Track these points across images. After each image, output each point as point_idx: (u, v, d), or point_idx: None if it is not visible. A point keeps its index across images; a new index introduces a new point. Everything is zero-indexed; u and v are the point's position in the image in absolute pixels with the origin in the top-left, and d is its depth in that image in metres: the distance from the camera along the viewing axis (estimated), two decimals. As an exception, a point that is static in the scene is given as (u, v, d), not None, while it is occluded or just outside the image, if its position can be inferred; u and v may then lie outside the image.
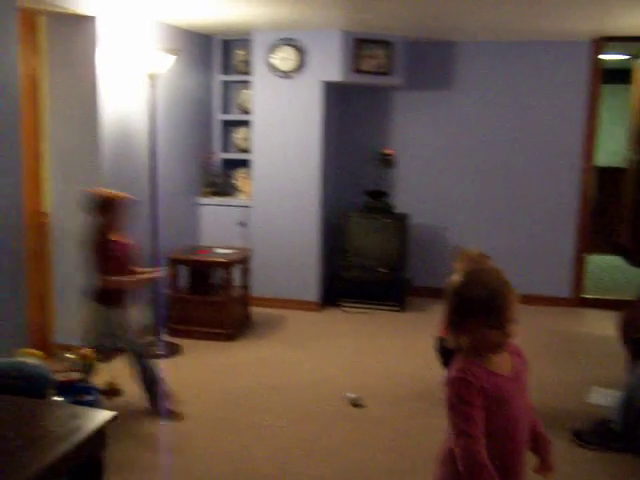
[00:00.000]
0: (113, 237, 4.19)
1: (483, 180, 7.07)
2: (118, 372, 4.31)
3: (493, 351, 2.21)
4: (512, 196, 7.03)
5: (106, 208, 4.18)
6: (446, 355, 4.53)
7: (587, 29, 6.07)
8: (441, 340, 4.58)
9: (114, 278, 4.17)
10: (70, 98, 5.06)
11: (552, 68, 6.79)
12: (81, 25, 4.93)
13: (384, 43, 6.52)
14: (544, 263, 7.01)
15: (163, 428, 4.18)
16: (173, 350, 5.50)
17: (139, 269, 4.46)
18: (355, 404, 4.56)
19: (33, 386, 2.93)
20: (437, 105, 7.08)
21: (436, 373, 4.87)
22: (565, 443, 4.03)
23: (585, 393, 4.81)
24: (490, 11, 5.31)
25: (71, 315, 5.27)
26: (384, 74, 6.60)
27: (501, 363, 2.24)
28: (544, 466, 2.41)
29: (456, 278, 2.26)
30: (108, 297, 4.24)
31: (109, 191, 4.34)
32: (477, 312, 2.16)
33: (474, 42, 6.88)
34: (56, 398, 3.21)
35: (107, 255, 4.16)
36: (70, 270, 5.22)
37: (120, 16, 5.18)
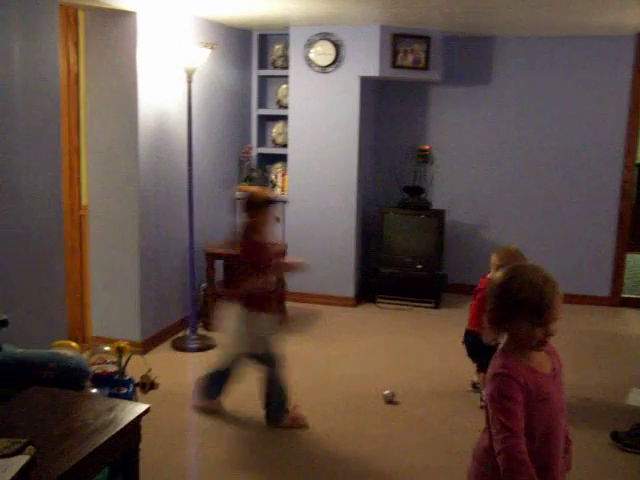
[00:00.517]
0: (257, 238, 4.04)
1: (521, 177, 6.99)
2: (153, 365, 4.34)
3: (535, 348, 2.19)
4: (551, 193, 6.93)
5: (256, 208, 4.06)
6: (474, 347, 4.51)
7: (631, 23, 5.96)
8: (469, 333, 4.56)
9: (260, 279, 3.98)
10: (109, 93, 5.09)
11: (594, 63, 6.68)
12: (121, 20, 4.96)
13: (422, 38, 6.47)
14: (583, 262, 6.91)
15: (196, 421, 4.20)
16: (209, 344, 5.52)
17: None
18: (389, 401, 4.54)
19: (70, 378, 2.96)
20: (475, 100, 7.01)
21: (471, 370, 4.85)
22: (602, 444, 3.97)
23: (624, 394, 4.73)
24: (530, 6, 5.24)
25: (107, 308, 5.33)
26: (422, 69, 6.55)
27: (541, 361, 2.22)
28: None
29: (501, 274, 2.22)
30: (255, 301, 4.04)
31: (260, 190, 4.21)
32: (522, 309, 2.14)
33: (513, 37, 6.80)
34: (93, 390, 3.24)
35: (254, 257, 4.01)
36: (107, 263, 5.28)
37: (159, 11, 5.21)
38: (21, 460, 2.08)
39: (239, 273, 3.95)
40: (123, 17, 4.95)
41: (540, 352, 2.22)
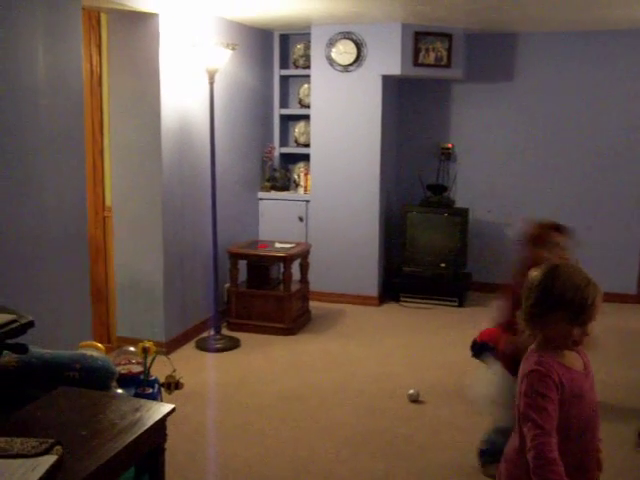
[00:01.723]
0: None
1: (545, 174, 6.93)
2: (178, 365, 4.35)
3: (569, 347, 2.19)
4: (576, 191, 6.87)
5: (538, 242, 3.51)
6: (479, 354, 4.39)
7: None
8: (477, 344, 4.41)
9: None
10: (132, 94, 5.12)
11: (618, 57, 6.61)
12: (143, 22, 4.99)
13: (444, 35, 6.45)
14: (610, 259, 6.84)
15: (221, 420, 4.21)
16: (232, 344, 5.54)
17: None
18: (414, 400, 4.52)
19: (96, 379, 2.97)
20: (498, 98, 6.97)
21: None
22: (629, 443, 3.93)
23: (652, 392, 4.69)
24: (552, 0, 5.20)
25: (132, 308, 5.36)
26: (444, 67, 6.52)
27: (574, 360, 2.22)
28: None
29: (541, 272, 2.21)
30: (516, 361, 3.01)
31: (547, 223, 3.67)
32: (564, 308, 2.12)
33: (535, 33, 6.75)
34: (118, 391, 3.25)
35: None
36: (131, 264, 5.31)
37: (181, 12, 5.23)
38: (49, 460, 2.09)
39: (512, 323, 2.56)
40: (145, 19, 4.98)
41: (572, 350, 2.21)
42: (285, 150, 7.10)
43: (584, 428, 2.17)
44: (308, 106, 6.82)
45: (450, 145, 7.07)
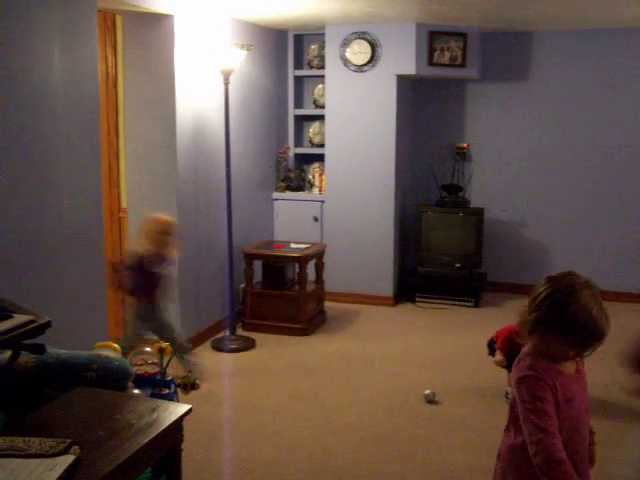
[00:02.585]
0: None
1: (561, 174, 6.89)
2: (195, 366, 4.37)
3: (563, 361, 2.20)
4: (591, 191, 6.83)
5: None
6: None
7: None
8: (494, 343, 4.55)
9: None
10: (147, 95, 5.14)
11: (636, 56, 6.55)
12: (158, 24, 5.00)
13: (459, 35, 6.43)
14: (622, 259, 6.79)
15: (237, 421, 4.22)
16: (248, 344, 5.54)
17: None
18: (430, 400, 4.51)
19: (113, 379, 2.97)
20: (513, 97, 6.94)
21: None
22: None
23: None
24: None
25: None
26: (459, 66, 6.50)
27: (567, 364, 2.22)
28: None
29: (553, 287, 2.15)
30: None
31: None
32: (572, 332, 2.11)
33: (551, 32, 6.71)
34: (135, 391, 3.26)
35: None
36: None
37: (196, 14, 5.24)
38: (67, 460, 2.09)
39: None
40: (160, 20, 5.00)
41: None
42: (300, 150, 7.11)
43: (574, 430, 2.19)
44: (323, 106, 6.82)
45: (465, 145, 7.05)
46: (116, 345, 3.66)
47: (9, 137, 3.56)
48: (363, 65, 6.47)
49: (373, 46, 6.40)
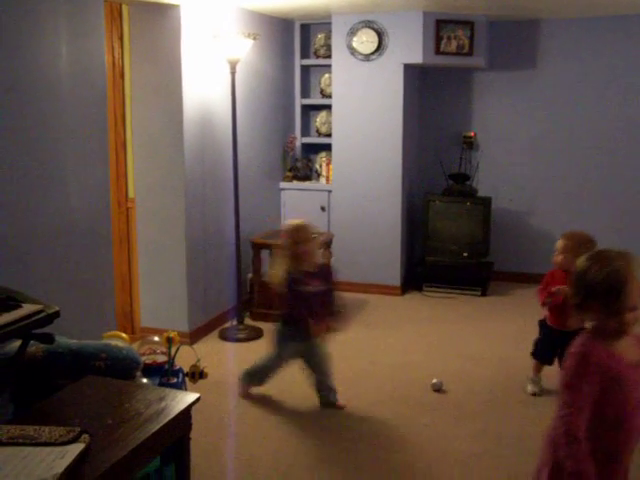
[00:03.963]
0: None
1: (568, 163, 6.87)
2: (201, 355, 4.38)
3: (612, 338, 2.18)
4: (599, 179, 6.80)
5: None
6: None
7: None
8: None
9: None
10: (154, 86, 5.14)
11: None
12: (165, 13, 5.00)
13: (466, 23, 6.40)
14: (633, 249, 6.76)
15: (245, 409, 4.24)
16: (255, 334, 5.56)
17: None
18: (437, 389, 4.52)
19: (121, 368, 3.00)
20: (520, 86, 6.91)
21: (518, 359, 4.81)
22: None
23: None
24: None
25: (155, 299, 5.39)
26: (466, 55, 6.48)
27: (626, 349, 2.20)
28: None
29: (583, 258, 2.22)
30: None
31: None
32: (595, 296, 2.12)
33: (559, 19, 6.68)
34: (143, 380, 3.28)
35: None
36: (154, 255, 5.34)
37: (202, 3, 5.23)
38: (77, 448, 2.12)
39: None
40: (166, 10, 4.99)
41: (626, 339, 2.20)
42: (307, 140, 7.10)
43: (622, 418, 2.16)
44: (329, 96, 6.81)
45: (472, 134, 7.03)
46: (124, 335, 3.69)
47: (17, 128, 3.58)
48: (370, 54, 6.45)
49: (380, 35, 6.38)
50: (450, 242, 6.75)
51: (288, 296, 4.13)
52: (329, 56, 6.72)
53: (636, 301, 2.12)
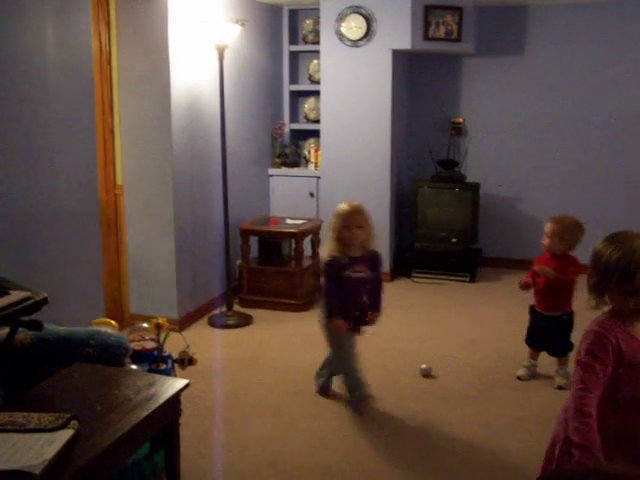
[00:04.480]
0: None
1: (556, 148, 6.89)
2: (191, 341, 4.38)
3: (630, 319, 2.18)
4: (587, 165, 6.82)
5: None
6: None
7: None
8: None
9: None
10: (141, 72, 5.11)
11: (633, 28, 6.49)
12: (151, -1, 4.97)
13: (454, 9, 6.38)
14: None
15: (235, 396, 4.24)
16: (245, 320, 5.56)
17: None
18: (426, 375, 4.54)
19: (110, 355, 3.00)
20: (509, 72, 6.91)
21: (507, 344, 4.83)
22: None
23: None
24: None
25: (144, 286, 5.38)
26: (454, 41, 6.46)
27: None
28: None
29: (600, 241, 2.23)
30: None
31: None
32: (610, 275, 2.13)
33: (547, 5, 6.67)
34: (132, 366, 3.28)
35: None
36: (143, 242, 5.33)
37: (189, -12, 5.20)
38: (66, 434, 2.12)
39: None
40: (154, -5, 4.96)
41: None
42: (295, 126, 7.09)
43: (638, 400, 2.16)
44: (318, 82, 6.79)
45: (461, 120, 7.03)
46: (113, 322, 3.68)
47: (2, 115, 3.56)
48: (358, 40, 6.43)
49: (368, 21, 6.36)
50: (439, 228, 6.77)
51: (327, 283, 3.97)
52: (317, 42, 6.69)
53: None
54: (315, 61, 6.86)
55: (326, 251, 3.98)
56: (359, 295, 3.99)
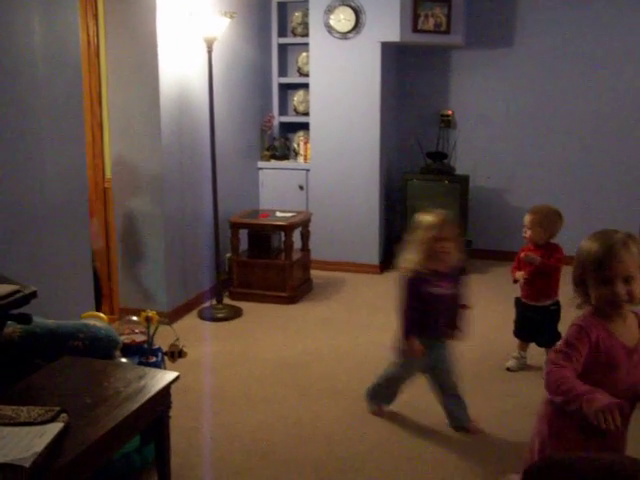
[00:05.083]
0: None
1: (545, 141, 6.91)
2: (180, 334, 4.38)
3: (610, 313, 2.20)
4: (576, 157, 6.84)
5: None
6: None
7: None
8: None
9: None
10: (130, 64, 5.09)
11: (623, 20, 6.50)
12: (139, -9, 4.95)
13: (443, 1, 6.38)
14: (612, 225, 6.82)
15: (225, 388, 4.25)
16: (234, 313, 5.57)
17: None
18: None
19: (100, 348, 3.00)
20: (499, 64, 6.92)
21: (496, 336, 4.85)
22: None
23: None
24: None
25: (134, 279, 5.38)
26: (443, 33, 6.47)
27: (625, 332, 2.23)
28: None
29: (585, 238, 2.28)
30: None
31: None
32: (589, 264, 2.17)
33: (537, -3, 6.69)
34: (122, 359, 3.28)
35: None
36: (132, 235, 5.32)
37: (177, -19, 5.18)
38: (55, 427, 2.12)
39: None
40: (142, -12, 4.94)
41: (627, 323, 2.23)
42: (284, 119, 7.08)
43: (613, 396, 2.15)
44: (307, 74, 6.78)
45: (450, 112, 7.04)
46: (103, 315, 3.68)
47: (-9, 107, 3.54)
48: (347, 32, 6.43)
49: (357, 13, 6.35)
50: (428, 220, 6.76)
51: (407, 298, 3.76)
52: (306, 34, 6.69)
53: (630, 273, 2.14)
54: (304, 54, 6.85)
55: (408, 264, 3.80)
56: (441, 311, 3.76)
